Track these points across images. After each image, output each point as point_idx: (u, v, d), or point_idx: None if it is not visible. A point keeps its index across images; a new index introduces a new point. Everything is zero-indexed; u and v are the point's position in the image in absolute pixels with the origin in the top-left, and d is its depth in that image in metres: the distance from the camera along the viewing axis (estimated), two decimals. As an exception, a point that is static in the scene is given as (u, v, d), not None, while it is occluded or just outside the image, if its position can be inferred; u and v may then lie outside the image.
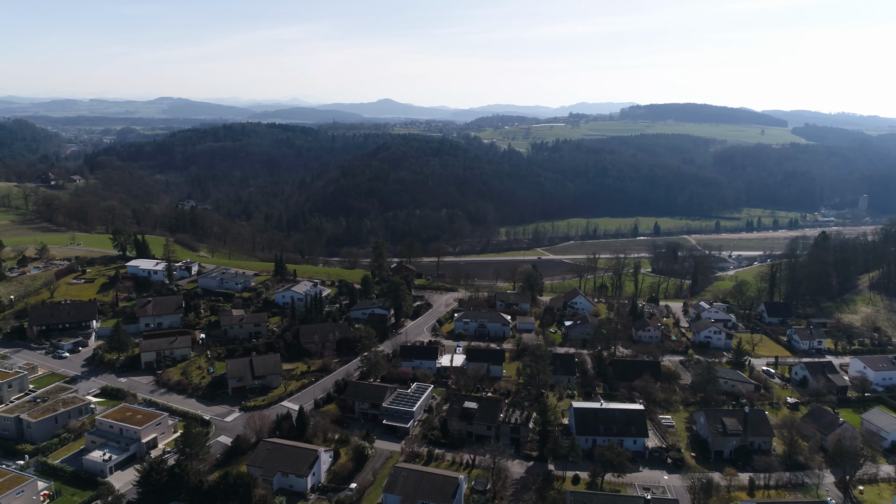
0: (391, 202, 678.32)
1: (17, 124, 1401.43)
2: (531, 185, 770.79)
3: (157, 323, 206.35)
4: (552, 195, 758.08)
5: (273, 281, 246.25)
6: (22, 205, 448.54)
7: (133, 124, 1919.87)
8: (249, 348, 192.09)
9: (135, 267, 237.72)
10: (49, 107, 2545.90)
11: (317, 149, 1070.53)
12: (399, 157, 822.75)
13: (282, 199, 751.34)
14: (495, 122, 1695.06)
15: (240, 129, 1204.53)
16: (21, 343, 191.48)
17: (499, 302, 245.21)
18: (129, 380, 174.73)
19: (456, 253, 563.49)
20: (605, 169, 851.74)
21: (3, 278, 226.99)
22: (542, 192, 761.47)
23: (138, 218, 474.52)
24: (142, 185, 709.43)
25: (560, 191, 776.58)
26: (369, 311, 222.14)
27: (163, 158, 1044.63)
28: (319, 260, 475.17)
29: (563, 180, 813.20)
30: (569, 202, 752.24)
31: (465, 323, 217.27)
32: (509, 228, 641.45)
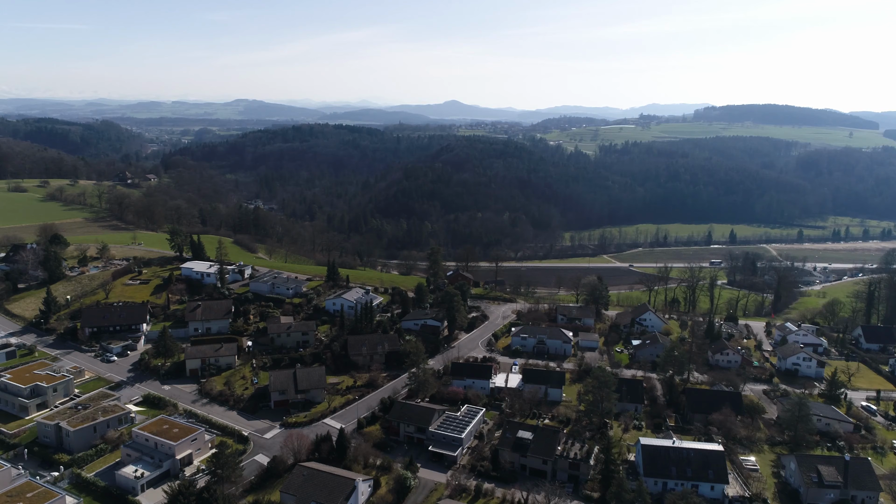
0: (453, 205, 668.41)
1: (104, 125, 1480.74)
2: (598, 189, 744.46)
3: (206, 328, 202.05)
4: (620, 199, 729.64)
5: (325, 286, 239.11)
6: (96, 203, 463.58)
7: (210, 125, 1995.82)
8: (296, 358, 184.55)
9: (188, 269, 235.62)
10: (135, 108, 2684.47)
11: (382, 150, 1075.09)
12: (462, 159, 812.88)
13: (345, 200, 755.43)
14: (562, 124, 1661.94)
15: (308, 130, 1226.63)
16: (73, 345, 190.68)
17: (560, 316, 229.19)
18: (172, 388, 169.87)
19: (517, 258, 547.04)
20: (677, 172, 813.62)
21: (63, 277, 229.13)
22: (610, 195, 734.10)
23: (204, 217, 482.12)
24: (211, 185, 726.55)
25: (629, 195, 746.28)
26: (422, 321, 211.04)
27: (234, 158, 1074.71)
28: (378, 262, 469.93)
29: (632, 184, 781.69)
30: (638, 207, 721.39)
31: (523, 338, 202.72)
32: (574, 234, 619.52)
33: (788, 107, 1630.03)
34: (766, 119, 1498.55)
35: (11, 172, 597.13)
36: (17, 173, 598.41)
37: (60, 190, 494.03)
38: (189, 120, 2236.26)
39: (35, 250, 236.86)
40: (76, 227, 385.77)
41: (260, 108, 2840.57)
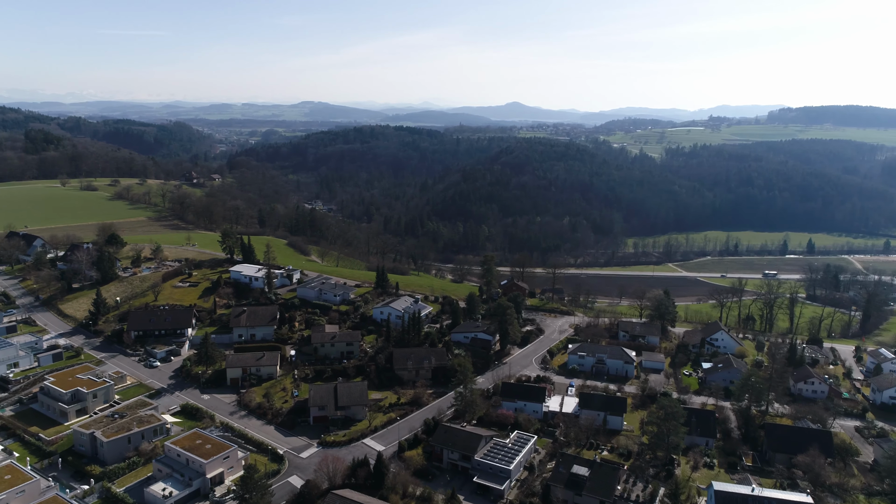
0: (511, 208, 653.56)
1: (177, 126, 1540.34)
2: (664, 194, 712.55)
3: (251, 334, 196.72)
4: (687, 205, 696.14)
5: (373, 294, 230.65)
6: (160, 202, 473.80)
7: (276, 126, 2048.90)
8: (338, 371, 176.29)
9: (237, 272, 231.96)
10: (208, 110, 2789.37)
11: (441, 152, 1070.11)
12: (522, 162, 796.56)
13: (403, 202, 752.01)
14: (626, 126, 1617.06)
15: (369, 131, 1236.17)
16: (118, 348, 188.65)
17: (622, 332, 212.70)
18: (211, 397, 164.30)
19: (577, 265, 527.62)
20: (749, 177, 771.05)
21: (116, 278, 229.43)
22: (676, 201, 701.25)
23: (263, 218, 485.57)
24: (273, 185, 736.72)
25: (697, 200, 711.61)
26: (472, 334, 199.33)
27: (297, 159, 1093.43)
28: (432, 266, 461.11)
29: (701, 189, 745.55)
30: (706, 213, 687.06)
31: (581, 357, 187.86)
32: (637, 240, 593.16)
33: (873, 108, 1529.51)
34: (848, 121, 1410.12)
35: (86, 171, 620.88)
36: (91, 172, 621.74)
37: (127, 189, 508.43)
38: (257, 121, 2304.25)
39: (89, 250, 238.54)
40: (138, 225, 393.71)
41: (325, 110, 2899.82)
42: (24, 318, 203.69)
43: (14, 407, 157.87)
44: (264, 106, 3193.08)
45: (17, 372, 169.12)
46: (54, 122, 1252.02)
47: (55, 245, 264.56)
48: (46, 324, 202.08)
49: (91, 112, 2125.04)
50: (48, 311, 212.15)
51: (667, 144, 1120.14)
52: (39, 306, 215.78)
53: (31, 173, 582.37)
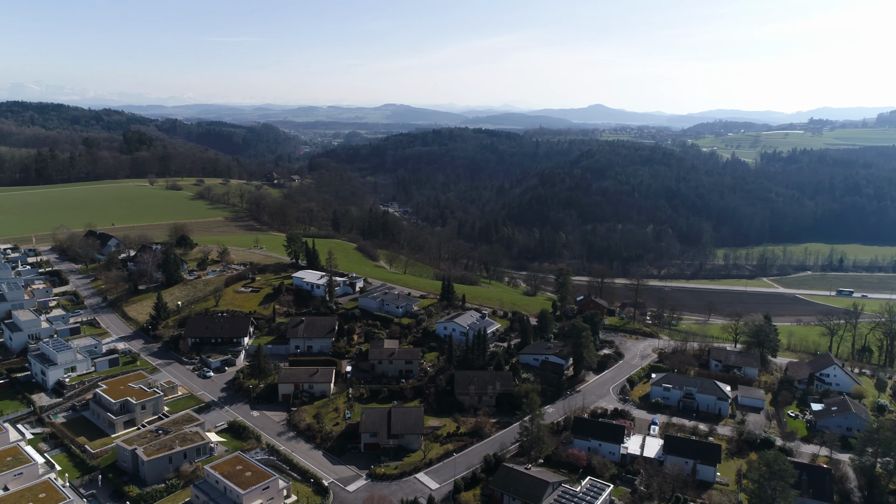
0: (591, 214, 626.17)
1: (264, 128, 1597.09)
2: (758, 202, 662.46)
3: (308, 346, 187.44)
4: (785, 214, 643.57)
5: (438, 306, 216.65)
6: (238, 202, 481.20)
7: (359, 129, 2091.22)
8: (395, 392, 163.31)
9: (299, 279, 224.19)
10: (295, 113, 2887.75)
11: (519, 154, 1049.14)
12: (604, 166, 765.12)
13: (478, 206, 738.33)
14: (717, 129, 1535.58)
15: (447, 134, 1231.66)
16: (175, 355, 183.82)
17: (713, 361, 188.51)
18: (261, 414, 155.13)
19: (660, 276, 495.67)
20: (857, 185, 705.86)
21: (180, 281, 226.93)
22: (773, 209, 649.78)
23: (337, 220, 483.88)
24: (350, 187, 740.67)
25: (795, 209, 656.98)
26: (543, 357, 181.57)
27: (376, 161, 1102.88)
28: (505, 273, 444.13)
29: (800, 197, 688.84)
30: (806, 223, 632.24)
31: (666, 389, 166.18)
32: (728, 251, 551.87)
33: None
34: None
35: (174, 171, 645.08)
36: (179, 172, 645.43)
37: (209, 189, 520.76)
38: (341, 123, 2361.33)
39: (156, 252, 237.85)
40: (215, 225, 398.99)
41: (406, 113, 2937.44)
42: (89, 320, 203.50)
43: (67, 414, 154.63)
44: (348, 108, 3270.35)
45: (73, 376, 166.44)
46: (153, 123, 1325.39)
47: (129, 245, 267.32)
48: (109, 326, 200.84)
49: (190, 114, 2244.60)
50: (113, 312, 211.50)
51: (762, 149, 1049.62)
52: (106, 307, 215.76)
53: (123, 172, 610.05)
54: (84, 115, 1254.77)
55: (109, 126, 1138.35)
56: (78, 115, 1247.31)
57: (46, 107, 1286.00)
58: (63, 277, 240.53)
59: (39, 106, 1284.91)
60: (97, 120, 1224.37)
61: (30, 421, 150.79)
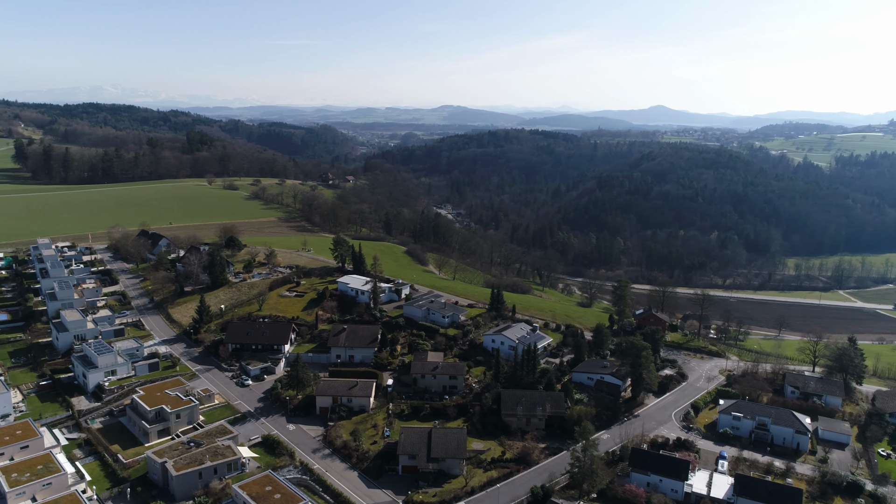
0: (650, 219, 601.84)
1: (323, 129, 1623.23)
2: (833, 208, 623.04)
3: (349, 356, 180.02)
4: (864, 222, 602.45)
5: (487, 317, 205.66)
6: (291, 203, 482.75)
7: (416, 130, 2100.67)
8: (437, 409, 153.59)
9: (344, 284, 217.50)
10: (354, 114, 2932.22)
11: (576, 157, 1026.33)
12: (665, 169, 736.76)
13: (533, 209, 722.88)
14: (786, 131, 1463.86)
15: (503, 135, 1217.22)
16: (214, 361, 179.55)
17: (789, 387, 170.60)
18: (297, 428, 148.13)
19: (725, 286, 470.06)
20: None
21: (226, 284, 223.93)
22: (849, 217, 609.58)
23: (389, 221, 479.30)
24: (403, 188, 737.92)
25: (875, 217, 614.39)
26: (598, 376, 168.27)
27: (430, 162, 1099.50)
28: (559, 280, 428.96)
29: (881, 204, 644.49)
30: (888, 232, 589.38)
31: (736, 418, 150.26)
32: (800, 261, 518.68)
33: None
34: None
35: (232, 171, 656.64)
36: (237, 172, 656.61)
37: (263, 189, 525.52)
38: (398, 125, 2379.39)
39: (203, 253, 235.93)
40: (266, 226, 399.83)
41: (463, 114, 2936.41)
42: (135, 321, 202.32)
43: (104, 419, 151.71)
44: (406, 110, 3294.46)
45: (112, 380, 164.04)
46: (217, 124, 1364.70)
47: (179, 245, 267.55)
48: (153, 328, 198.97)
49: (253, 115, 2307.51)
50: (158, 314, 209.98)
51: (836, 152, 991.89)
52: (152, 309, 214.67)
53: (184, 172, 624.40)
54: (153, 116, 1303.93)
55: (176, 127, 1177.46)
56: (147, 116, 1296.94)
57: (119, 108, 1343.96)
58: (113, 277, 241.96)
59: (112, 108, 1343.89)
60: (165, 121, 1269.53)
61: (67, 425, 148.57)
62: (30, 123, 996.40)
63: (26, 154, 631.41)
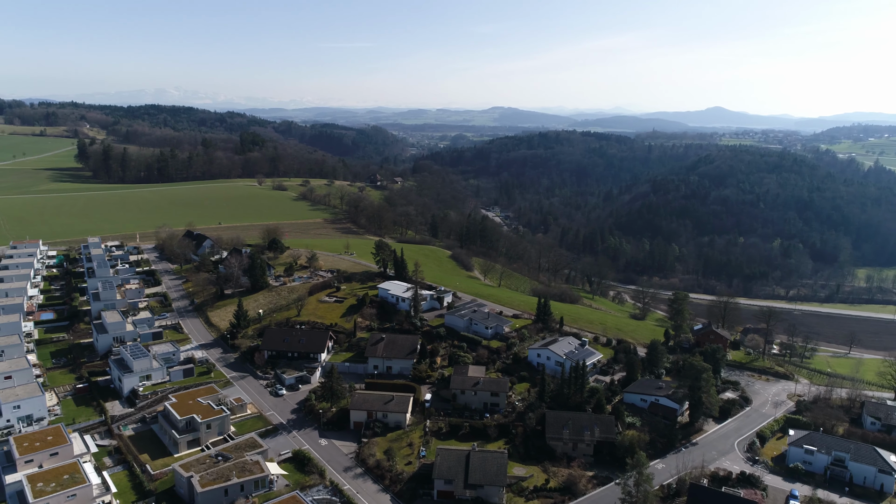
0: (708, 225, 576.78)
1: (373, 130, 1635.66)
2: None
3: (387, 367, 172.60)
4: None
5: (532, 329, 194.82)
6: (338, 204, 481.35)
7: (466, 131, 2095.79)
8: (477, 428, 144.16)
9: (385, 290, 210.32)
10: (405, 115, 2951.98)
11: (630, 159, 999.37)
12: (724, 173, 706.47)
13: (583, 213, 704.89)
14: (855, 133, 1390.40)
15: (554, 137, 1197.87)
16: (250, 368, 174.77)
17: (869, 418, 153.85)
18: (329, 443, 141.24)
19: (788, 298, 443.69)
20: None
21: (266, 287, 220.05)
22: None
23: (435, 224, 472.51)
24: (451, 190, 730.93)
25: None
26: (652, 398, 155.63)
27: (479, 164, 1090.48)
28: (610, 287, 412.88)
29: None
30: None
31: (808, 451, 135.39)
32: (872, 272, 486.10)
33: None
34: None
35: (282, 172, 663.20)
36: (287, 172, 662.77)
37: (311, 190, 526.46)
38: (448, 126, 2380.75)
39: (243, 256, 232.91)
40: (312, 227, 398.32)
41: (514, 115, 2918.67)
42: (174, 324, 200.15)
43: (136, 426, 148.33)
44: (456, 111, 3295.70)
45: (147, 385, 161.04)
46: (270, 125, 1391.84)
47: (223, 246, 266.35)
48: (192, 331, 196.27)
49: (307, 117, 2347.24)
50: (198, 317, 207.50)
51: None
52: (192, 311, 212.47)
53: (236, 172, 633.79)
54: (210, 117, 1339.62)
55: (231, 128, 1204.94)
56: (205, 117, 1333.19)
57: (178, 110, 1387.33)
58: (157, 278, 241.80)
59: (172, 109, 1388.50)
60: (221, 122, 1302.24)
61: (99, 431, 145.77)
62: (95, 124, 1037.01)
63: (88, 154, 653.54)
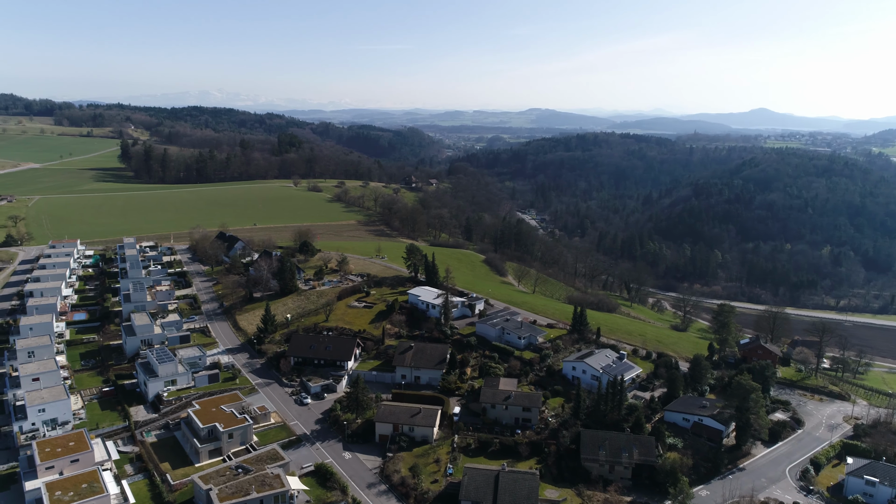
0: (753, 231, 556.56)
1: (410, 132, 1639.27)
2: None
3: (415, 377, 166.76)
4: None
5: (567, 340, 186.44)
6: (372, 206, 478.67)
7: (502, 133, 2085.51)
8: (508, 446, 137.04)
9: (415, 296, 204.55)
10: (442, 117, 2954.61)
11: (670, 162, 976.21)
12: (770, 176, 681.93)
13: (622, 216, 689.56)
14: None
15: (592, 138, 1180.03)
16: (275, 374, 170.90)
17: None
18: (353, 457, 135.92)
19: (839, 308, 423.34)
20: None
21: (295, 291, 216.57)
22: None
23: (469, 227, 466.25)
24: (486, 192, 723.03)
25: None
26: (695, 418, 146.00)
27: (515, 166, 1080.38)
28: (649, 294, 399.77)
29: None
30: None
31: (869, 483, 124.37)
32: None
33: None
34: None
35: (318, 173, 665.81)
36: (322, 174, 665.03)
37: (345, 191, 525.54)
38: (485, 128, 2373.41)
39: (273, 259, 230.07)
40: (345, 229, 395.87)
41: (551, 117, 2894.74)
42: (202, 327, 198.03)
43: (159, 433, 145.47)
44: (493, 113, 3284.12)
45: (171, 391, 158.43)
46: (308, 126, 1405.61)
47: (254, 248, 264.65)
48: (219, 335, 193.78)
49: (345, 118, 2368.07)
50: (226, 321, 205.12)
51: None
52: (220, 314, 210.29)
53: (272, 173, 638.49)
54: (250, 118, 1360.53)
55: (270, 129, 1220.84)
56: (245, 118, 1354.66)
57: (220, 111, 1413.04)
58: (188, 279, 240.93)
59: (214, 110, 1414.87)
60: (261, 123, 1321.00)
61: (123, 437, 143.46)
62: (139, 125, 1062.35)
63: (130, 154, 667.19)
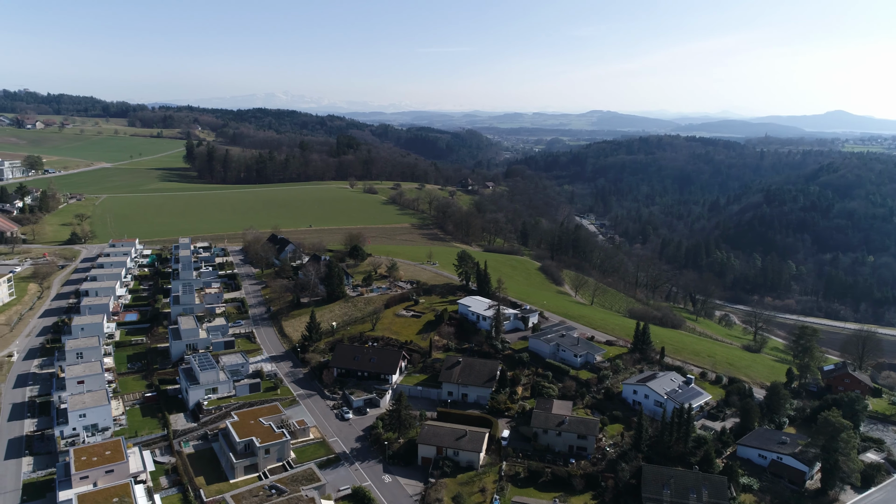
0: (831, 241, 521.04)
1: (468, 134, 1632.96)
2: None
3: (462, 394, 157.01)
4: None
5: (628, 359, 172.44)
6: (426, 209, 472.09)
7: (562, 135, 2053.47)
8: (560, 477, 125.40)
9: (465, 307, 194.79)
10: (501, 119, 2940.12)
11: (739, 166, 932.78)
12: (850, 183, 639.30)
13: (686, 223, 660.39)
14: None
15: (655, 141, 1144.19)
16: (318, 386, 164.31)
17: None
18: (393, 480, 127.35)
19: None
20: None
21: (342, 297, 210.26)
22: None
23: (526, 232, 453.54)
24: (544, 196, 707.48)
25: None
26: (774, 455, 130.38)
27: (575, 169, 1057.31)
28: (716, 307, 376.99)
29: None
30: None
31: None
32: None
33: None
34: None
35: (374, 175, 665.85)
36: (378, 175, 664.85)
37: (401, 194, 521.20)
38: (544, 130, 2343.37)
39: (321, 263, 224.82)
40: (399, 232, 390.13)
41: (612, 119, 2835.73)
42: (247, 333, 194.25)
43: (197, 443, 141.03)
44: (553, 115, 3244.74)
45: (212, 399, 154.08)
46: (368, 128, 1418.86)
47: (305, 251, 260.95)
48: (264, 342, 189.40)
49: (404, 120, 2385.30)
50: (272, 326, 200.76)
51: None
52: (267, 320, 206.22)
53: (330, 174, 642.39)
54: (311, 120, 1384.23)
55: (331, 130, 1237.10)
56: (307, 120, 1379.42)
57: (283, 113, 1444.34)
58: (238, 282, 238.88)
59: (277, 112, 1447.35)
60: (322, 125, 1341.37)
61: (160, 446, 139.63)
62: (206, 126, 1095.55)
63: (194, 155, 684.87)
